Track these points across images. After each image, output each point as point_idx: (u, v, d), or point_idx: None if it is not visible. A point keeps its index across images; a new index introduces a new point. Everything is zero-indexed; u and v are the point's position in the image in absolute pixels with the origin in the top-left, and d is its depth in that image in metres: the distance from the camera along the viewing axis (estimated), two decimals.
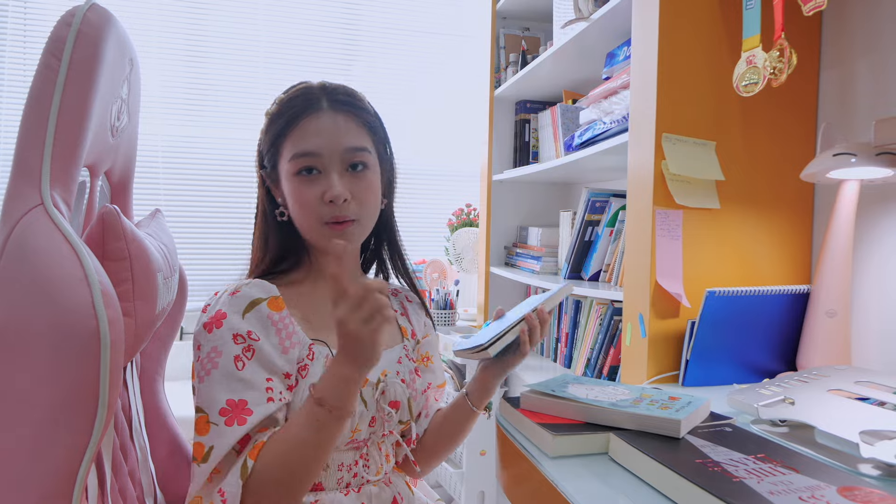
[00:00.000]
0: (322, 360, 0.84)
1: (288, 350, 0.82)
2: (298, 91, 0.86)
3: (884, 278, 1.06)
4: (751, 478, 0.60)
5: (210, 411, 0.75)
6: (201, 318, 0.81)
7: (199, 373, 0.78)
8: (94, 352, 0.57)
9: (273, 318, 0.81)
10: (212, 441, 0.74)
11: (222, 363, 0.77)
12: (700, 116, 1.15)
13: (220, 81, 2.70)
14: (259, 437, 0.76)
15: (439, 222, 2.89)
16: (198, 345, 0.80)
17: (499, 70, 2.25)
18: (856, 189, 1.01)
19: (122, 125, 0.79)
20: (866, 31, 1.10)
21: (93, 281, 0.57)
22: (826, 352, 1.04)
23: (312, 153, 0.82)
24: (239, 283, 0.83)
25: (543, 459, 0.73)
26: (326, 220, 0.83)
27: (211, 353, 0.77)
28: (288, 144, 0.84)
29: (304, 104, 0.84)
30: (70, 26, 0.63)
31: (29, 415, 0.55)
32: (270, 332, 0.81)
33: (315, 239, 0.86)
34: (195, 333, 0.81)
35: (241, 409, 0.75)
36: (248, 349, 0.78)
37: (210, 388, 0.76)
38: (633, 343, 1.18)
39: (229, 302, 0.80)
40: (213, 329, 0.78)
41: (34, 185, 0.58)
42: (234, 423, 0.74)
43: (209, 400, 0.76)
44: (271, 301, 0.82)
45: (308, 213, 0.83)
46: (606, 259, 1.66)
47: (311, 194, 0.82)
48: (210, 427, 0.75)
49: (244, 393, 0.76)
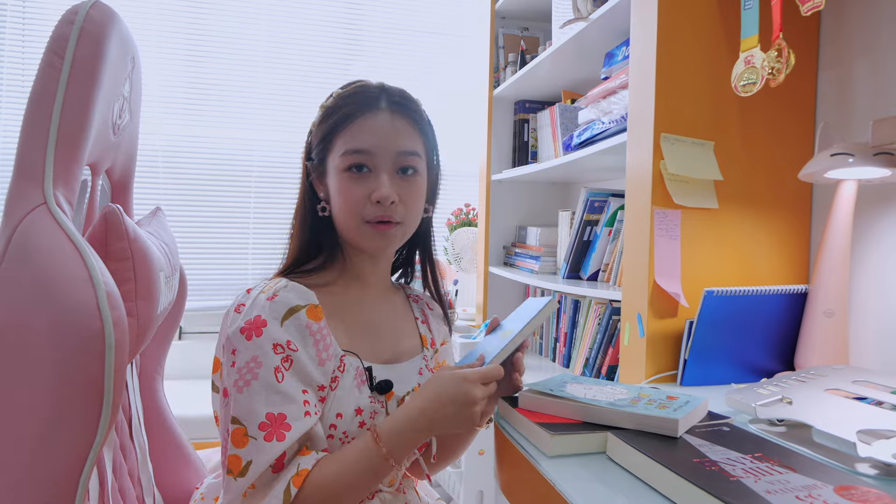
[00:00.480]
0: (353, 372, 0.82)
1: (324, 362, 0.80)
2: (357, 88, 0.86)
3: (881, 278, 1.07)
4: (748, 477, 0.60)
5: (249, 424, 0.73)
6: (236, 320, 0.77)
7: (236, 381, 0.75)
8: (98, 353, 0.57)
9: (312, 329, 0.79)
10: (250, 455, 0.72)
11: (262, 374, 0.74)
12: (698, 116, 1.15)
13: (220, 80, 2.70)
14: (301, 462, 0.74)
15: (438, 222, 2.89)
16: (233, 349, 0.76)
17: (498, 70, 2.25)
18: (854, 189, 1.01)
19: (124, 123, 0.80)
20: (864, 32, 1.11)
21: (97, 281, 0.58)
22: (824, 351, 1.05)
23: (365, 151, 0.82)
24: (276, 286, 0.80)
25: (541, 459, 0.73)
26: (369, 219, 0.83)
27: (251, 363, 0.75)
28: (341, 140, 0.83)
29: (363, 101, 0.84)
30: (73, 24, 0.63)
31: (33, 416, 0.55)
32: (308, 343, 0.79)
33: (355, 237, 0.85)
34: (230, 336, 0.77)
35: (280, 423, 0.73)
36: (287, 359, 0.76)
37: (250, 399, 0.74)
38: (631, 343, 1.19)
39: (269, 308, 0.77)
40: (253, 336, 0.75)
41: (37, 184, 0.58)
42: (274, 439, 0.72)
43: (248, 412, 0.73)
44: (310, 309, 0.80)
45: (353, 210, 0.83)
46: (605, 259, 1.67)
47: (358, 191, 0.82)
48: (249, 441, 0.72)
49: (283, 406, 0.74)
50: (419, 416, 0.75)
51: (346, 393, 0.81)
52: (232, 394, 0.75)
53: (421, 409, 0.76)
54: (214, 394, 0.82)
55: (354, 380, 0.82)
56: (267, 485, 0.72)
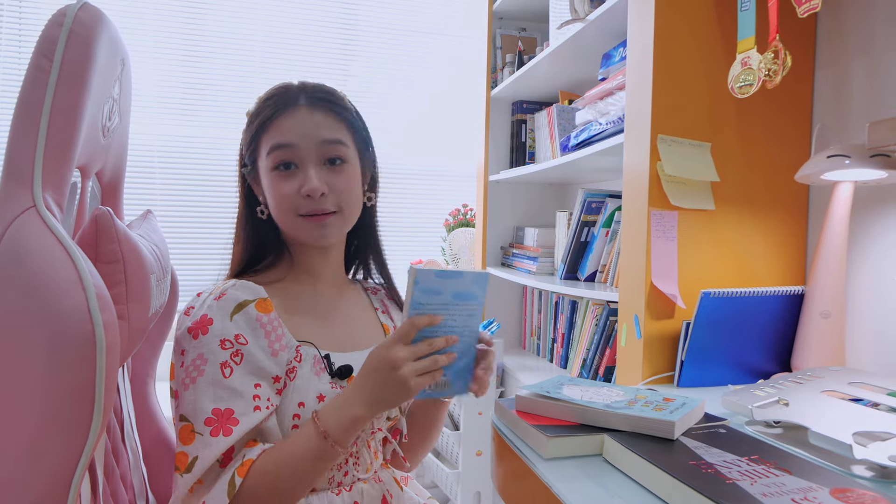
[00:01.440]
0: (310, 362, 0.83)
1: (277, 353, 0.81)
2: (277, 90, 0.88)
3: (878, 280, 1.07)
4: (744, 479, 0.60)
5: (195, 420, 0.74)
6: (184, 322, 0.80)
7: (183, 379, 0.77)
8: (89, 356, 0.56)
9: (262, 321, 0.81)
10: (196, 451, 0.73)
11: (208, 370, 0.76)
12: (695, 118, 1.15)
13: (216, 81, 2.69)
14: (247, 453, 0.75)
15: (436, 222, 2.89)
16: (181, 350, 0.78)
17: (495, 70, 2.25)
18: (850, 190, 1.01)
19: (114, 125, 0.79)
20: (860, 33, 1.11)
21: (87, 284, 0.57)
22: (820, 353, 1.05)
23: (288, 145, 0.83)
24: (224, 286, 0.82)
25: (538, 461, 0.73)
26: (303, 213, 0.84)
27: (196, 361, 0.76)
28: (265, 140, 0.85)
29: (282, 101, 0.85)
30: (61, 26, 0.62)
31: (23, 420, 0.55)
32: (259, 335, 0.80)
33: (294, 232, 0.87)
34: (178, 337, 0.80)
35: (227, 418, 0.74)
36: (237, 353, 0.78)
37: (195, 396, 0.75)
38: (628, 344, 1.18)
39: (216, 306, 0.79)
40: (199, 335, 0.77)
41: (26, 187, 0.57)
42: (220, 434, 0.73)
43: (194, 409, 0.75)
44: (259, 303, 0.82)
45: (286, 207, 0.84)
46: (602, 260, 1.66)
47: (288, 188, 0.83)
48: (195, 437, 0.74)
49: (231, 402, 0.75)
50: (353, 391, 0.75)
51: (305, 382, 0.81)
52: (181, 392, 0.77)
53: (354, 385, 0.75)
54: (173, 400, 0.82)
55: (313, 367, 0.83)
56: (214, 479, 0.74)
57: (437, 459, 2.13)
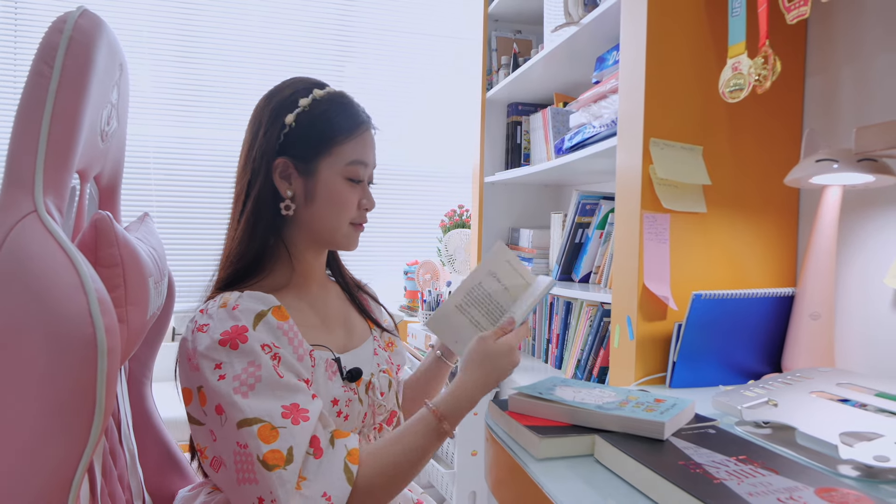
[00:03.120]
0: (323, 366, 0.84)
1: (303, 357, 0.82)
2: (348, 100, 0.92)
3: (866, 282, 1.08)
4: (731, 479, 0.61)
5: (272, 419, 0.73)
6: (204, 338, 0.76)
7: (237, 389, 0.74)
8: (90, 359, 0.57)
9: (283, 328, 0.81)
10: (288, 442, 0.72)
11: (265, 374, 0.75)
12: (687, 121, 1.16)
13: (212, 82, 2.70)
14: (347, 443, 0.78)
15: (432, 223, 2.90)
16: (216, 363, 0.75)
17: (491, 72, 2.26)
18: (838, 194, 1.02)
19: (112, 130, 0.80)
20: (850, 39, 1.12)
21: (89, 288, 0.58)
22: (810, 354, 1.06)
23: (366, 164, 0.91)
24: (232, 298, 0.80)
25: (530, 461, 0.74)
26: (354, 222, 0.92)
27: (249, 368, 0.75)
28: (348, 148, 0.89)
29: (360, 114, 0.92)
30: (62, 33, 0.63)
31: (25, 423, 0.55)
32: (283, 342, 0.80)
33: (336, 236, 0.91)
34: (205, 351, 0.76)
35: (297, 410, 0.75)
36: (276, 357, 0.78)
37: (260, 400, 0.74)
38: (621, 345, 1.20)
39: (240, 315, 0.78)
40: (239, 344, 0.76)
41: (27, 192, 0.58)
42: (301, 422, 0.74)
43: (264, 410, 0.74)
44: (275, 311, 0.81)
45: (347, 213, 0.90)
46: (596, 261, 1.68)
47: (355, 197, 0.91)
48: (279, 431, 0.73)
49: (293, 397, 0.76)
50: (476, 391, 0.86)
51: (321, 387, 0.83)
52: (235, 402, 0.74)
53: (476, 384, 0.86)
54: (195, 426, 0.80)
55: (326, 372, 0.85)
56: (318, 471, 0.74)
57: (432, 459, 2.14)
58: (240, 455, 0.73)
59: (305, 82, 0.91)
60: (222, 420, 0.74)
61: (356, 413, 0.87)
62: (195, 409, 0.79)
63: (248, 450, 0.72)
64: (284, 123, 0.86)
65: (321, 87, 0.90)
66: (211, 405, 0.76)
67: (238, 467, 0.74)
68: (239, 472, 0.74)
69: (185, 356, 0.79)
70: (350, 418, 0.86)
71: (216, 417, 0.75)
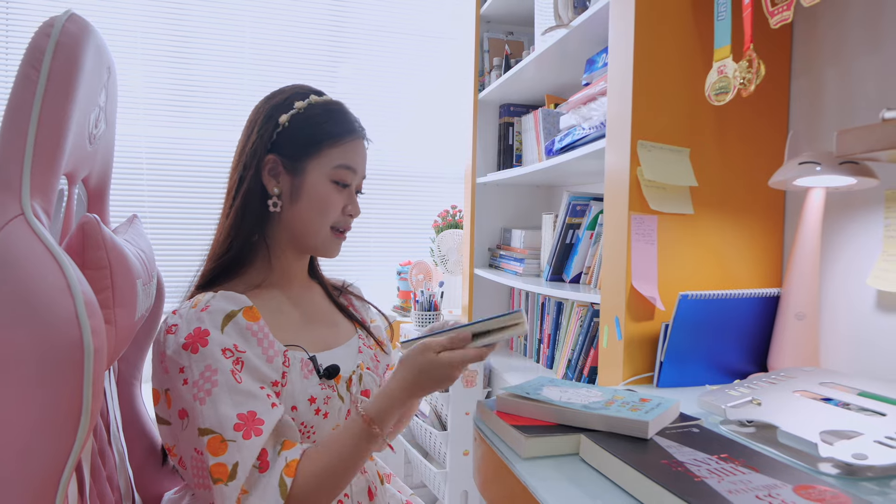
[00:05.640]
0: (298, 365, 0.85)
1: (272, 359, 0.82)
2: (339, 106, 0.94)
3: (849, 282, 1.10)
4: (712, 477, 0.62)
5: (223, 430, 0.74)
6: (172, 340, 0.78)
7: (195, 395, 0.76)
8: (77, 361, 0.57)
9: (252, 329, 0.82)
10: (234, 458, 0.73)
11: (221, 380, 0.76)
12: (675, 124, 1.17)
13: (205, 83, 2.69)
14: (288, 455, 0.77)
15: (425, 224, 2.90)
16: (180, 367, 0.77)
17: (483, 73, 2.27)
18: (822, 196, 1.04)
19: (100, 133, 0.80)
20: (833, 43, 1.14)
21: (75, 291, 0.58)
22: (795, 354, 1.07)
23: (354, 170, 0.93)
24: (205, 298, 0.81)
25: (516, 460, 0.75)
26: (336, 227, 0.93)
27: (206, 373, 0.76)
28: (335, 152, 0.90)
29: (352, 122, 0.94)
30: (49, 37, 0.63)
31: (12, 424, 0.56)
32: (252, 343, 0.81)
33: (315, 240, 0.91)
34: (171, 355, 0.78)
35: (252, 420, 0.75)
36: (237, 362, 0.78)
37: (215, 407, 0.75)
38: (609, 345, 1.21)
39: (206, 317, 0.79)
40: (199, 348, 0.77)
41: (14, 195, 0.58)
42: (252, 436, 0.74)
43: (218, 419, 0.74)
44: (246, 311, 0.82)
45: (328, 215, 0.91)
46: (587, 262, 1.69)
47: (340, 201, 0.92)
48: (228, 445, 0.73)
49: (250, 404, 0.76)
50: (403, 394, 0.82)
51: (296, 386, 0.84)
52: (194, 408, 0.75)
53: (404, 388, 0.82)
54: (163, 426, 0.82)
55: (301, 371, 0.85)
56: (258, 485, 0.74)
57: (424, 459, 2.15)
58: (196, 460, 0.77)
59: (305, 88, 0.95)
60: (184, 424, 0.78)
61: (336, 410, 0.88)
62: (162, 410, 0.82)
63: (202, 457, 0.75)
64: (279, 123, 0.90)
65: (319, 95, 0.94)
66: (175, 408, 0.79)
67: (194, 472, 0.78)
68: (196, 476, 0.78)
69: (157, 356, 0.82)
70: (330, 416, 0.87)
71: (179, 421, 0.78)
